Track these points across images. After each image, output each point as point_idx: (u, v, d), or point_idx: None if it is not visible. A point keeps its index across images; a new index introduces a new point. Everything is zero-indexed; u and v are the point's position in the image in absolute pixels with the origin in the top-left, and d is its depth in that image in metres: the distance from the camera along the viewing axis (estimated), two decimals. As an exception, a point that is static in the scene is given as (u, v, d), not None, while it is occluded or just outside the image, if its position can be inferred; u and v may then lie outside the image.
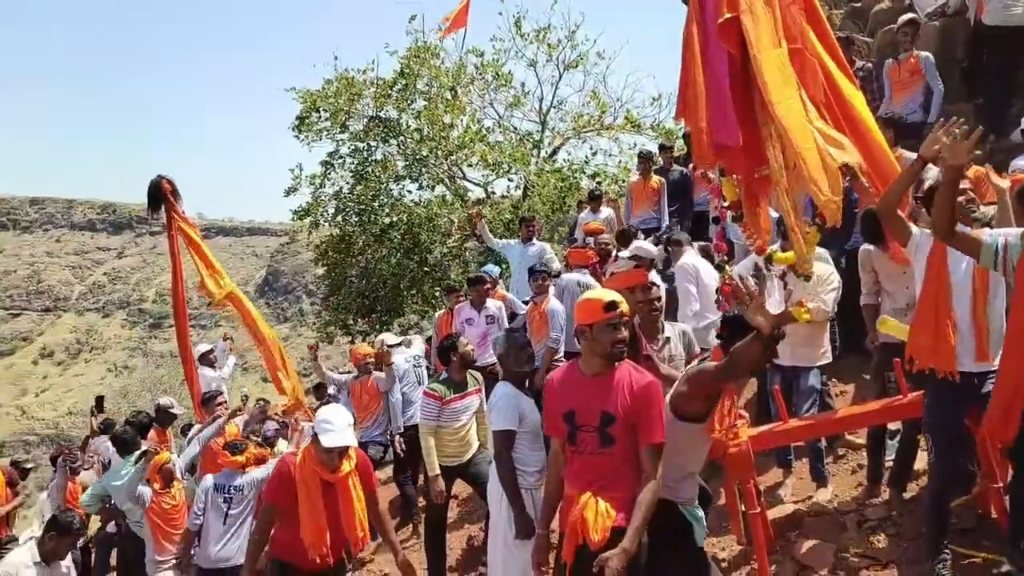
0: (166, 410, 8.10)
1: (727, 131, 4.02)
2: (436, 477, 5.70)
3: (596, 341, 3.46)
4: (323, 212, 17.35)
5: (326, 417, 4.33)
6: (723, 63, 4.08)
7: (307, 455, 4.40)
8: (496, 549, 4.52)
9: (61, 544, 5.25)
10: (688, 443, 3.52)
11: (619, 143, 18.17)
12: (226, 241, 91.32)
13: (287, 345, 59.04)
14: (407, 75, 16.68)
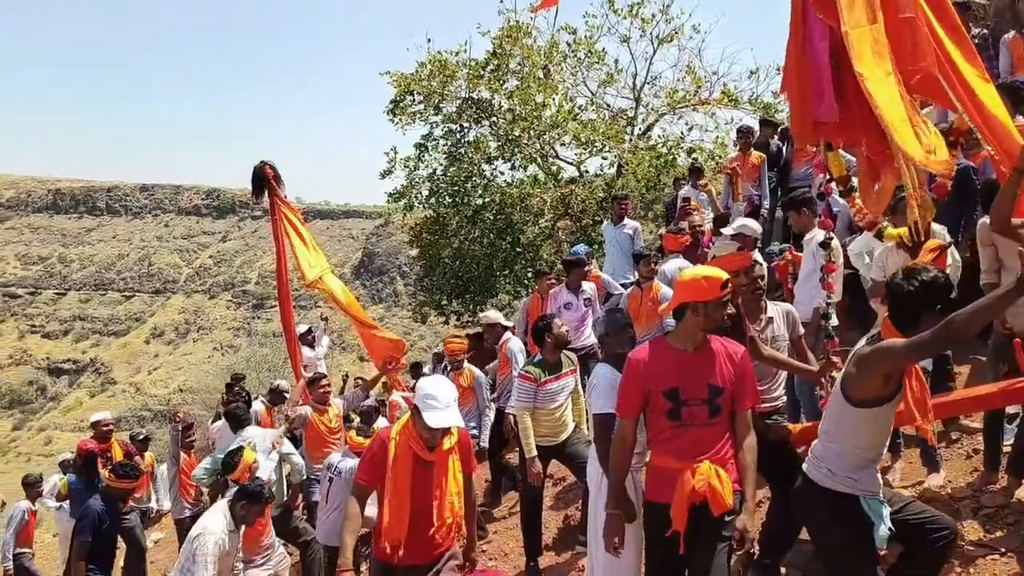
0: (281, 392, 8.39)
1: (824, 107, 3.90)
2: (533, 459, 5.71)
3: (708, 317, 3.61)
4: (417, 194, 17.58)
5: (431, 391, 3.84)
6: (824, 37, 3.95)
7: (405, 430, 4.01)
8: (595, 529, 4.50)
9: (251, 511, 5.42)
10: (865, 428, 3.29)
11: (715, 118, 17.67)
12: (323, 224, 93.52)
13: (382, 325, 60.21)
14: (499, 55, 16.68)
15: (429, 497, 4.02)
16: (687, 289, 3.66)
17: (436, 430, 3.88)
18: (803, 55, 4.04)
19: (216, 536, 5.19)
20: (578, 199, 16.78)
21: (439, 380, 4.13)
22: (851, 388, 3.22)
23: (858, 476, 3.29)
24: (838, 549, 3.35)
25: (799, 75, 4.06)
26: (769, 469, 4.56)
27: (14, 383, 78.63)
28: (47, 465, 38.24)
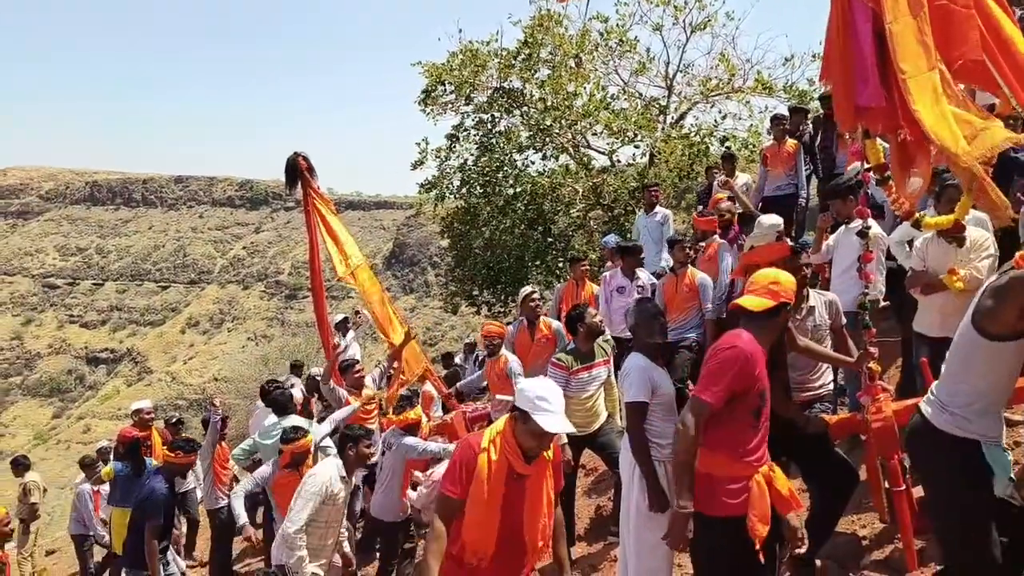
0: (315, 378, 8.48)
1: (868, 92, 3.83)
2: (563, 447, 5.72)
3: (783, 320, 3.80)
4: (448, 185, 17.61)
5: (542, 393, 3.37)
6: (868, 20, 3.87)
7: (502, 438, 3.46)
8: (628, 519, 4.49)
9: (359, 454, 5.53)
10: (995, 367, 3.15)
11: (750, 106, 17.42)
12: (354, 215, 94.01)
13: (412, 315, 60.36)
14: (531, 44, 16.61)
15: (519, 515, 3.52)
16: (788, 290, 3.70)
17: (546, 437, 3.42)
18: (846, 39, 3.96)
19: (324, 478, 5.29)
20: (610, 189, 16.70)
21: (546, 381, 3.70)
22: (985, 321, 3.10)
23: (981, 421, 3.14)
24: (952, 496, 3.19)
25: (842, 60, 3.98)
26: (806, 462, 4.53)
27: (53, 372, 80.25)
28: (86, 453, 38.97)
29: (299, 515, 5.13)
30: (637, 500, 4.39)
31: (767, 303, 3.62)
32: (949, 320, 5.03)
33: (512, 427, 3.45)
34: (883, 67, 3.84)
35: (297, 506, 5.18)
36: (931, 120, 3.60)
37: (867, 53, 3.85)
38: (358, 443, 5.49)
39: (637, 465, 4.39)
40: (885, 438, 4.23)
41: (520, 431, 3.41)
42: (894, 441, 4.23)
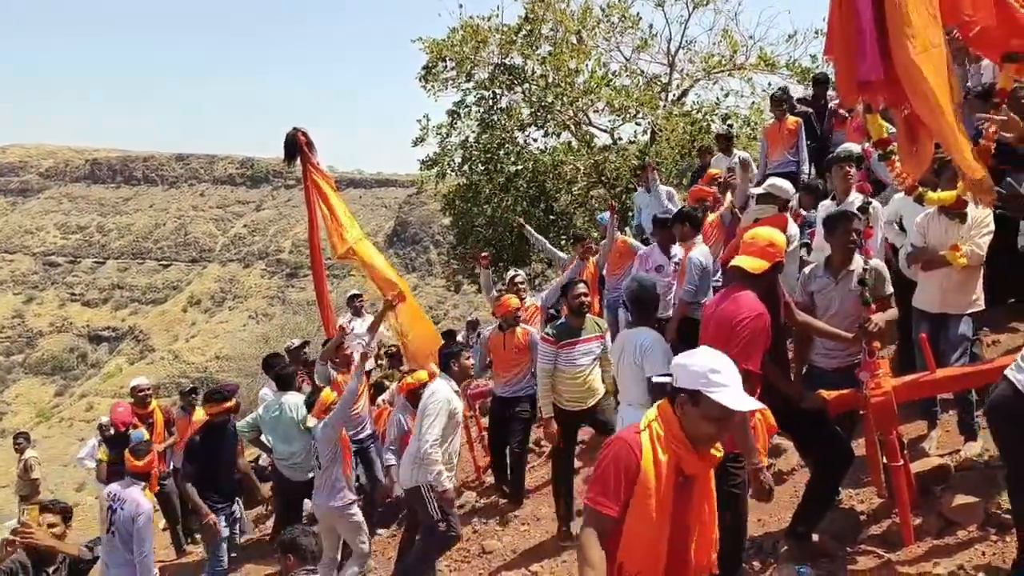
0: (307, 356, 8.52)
1: (867, 66, 3.83)
2: (549, 420, 5.82)
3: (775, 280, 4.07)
4: (450, 162, 17.56)
5: (714, 365, 2.68)
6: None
7: (666, 431, 2.74)
8: None
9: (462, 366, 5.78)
10: None
11: (752, 83, 17.32)
12: (355, 192, 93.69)
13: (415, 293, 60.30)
14: (532, 20, 16.52)
15: (687, 529, 2.85)
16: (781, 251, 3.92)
17: (726, 420, 2.71)
18: (847, 13, 3.96)
19: (445, 394, 5.53)
20: (612, 166, 16.65)
21: (711, 351, 2.86)
22: None
23: None
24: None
25: (843, 35, 3.99)
26: (802, 437, 4.55)
27: (56, 350, 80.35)
28: (88, 431, 39.15)
29: (429, 432, 5.35)
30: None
31: (764, 264, 3.73)
32: (949, 296, 5.04)
33: (676, 415, 2.73)
34: (883, 41, 3.83)
35: (425, 424, 5.39)
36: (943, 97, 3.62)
37: (866, 27, 3.84)
38: (459, 357, 5.72)
39: None
40: (884, 414, 4.24)
41: (691, 417, 2.69)
42: (892, 417, 4.25)
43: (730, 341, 3.65)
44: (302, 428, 7.02)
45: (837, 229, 4.69)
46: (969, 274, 4.99)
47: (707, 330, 3.97)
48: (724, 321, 3.75)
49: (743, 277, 3.85)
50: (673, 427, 2.73)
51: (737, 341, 3.66)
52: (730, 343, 3.63)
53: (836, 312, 4.68)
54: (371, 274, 7.60)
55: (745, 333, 3.66)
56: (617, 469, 2.71)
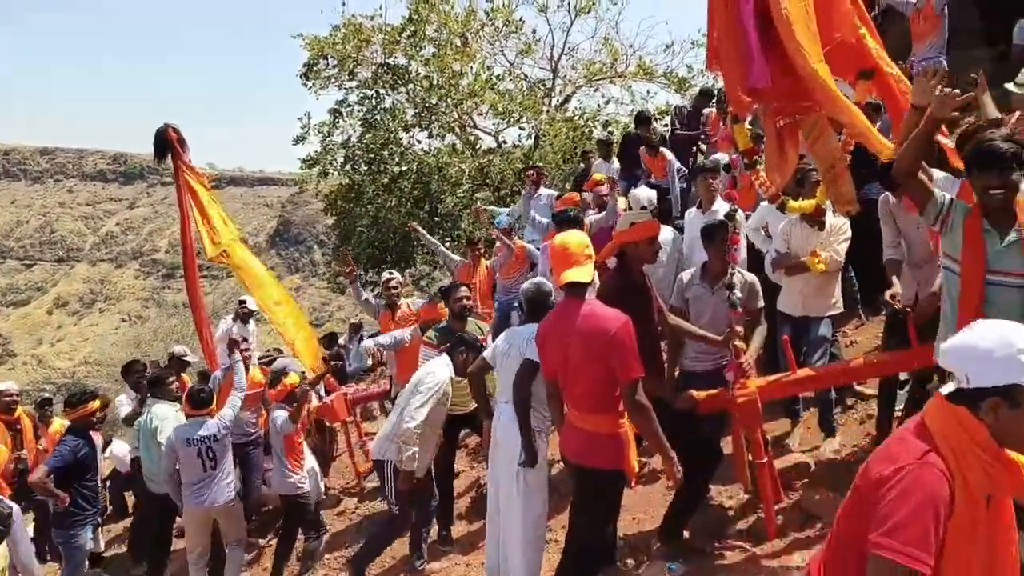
0: (179, 358, 8.15)
1: (756, 73, 3.95)
2: None
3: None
4: (332, 161, 17.30)
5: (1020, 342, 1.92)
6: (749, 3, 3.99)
7: (969, 444, 1.99)
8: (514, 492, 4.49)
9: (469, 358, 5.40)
10: None
11: (632, 91, 17.93)
12: (236, 191, 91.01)
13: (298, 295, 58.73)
14: (416, 21, 16.44)
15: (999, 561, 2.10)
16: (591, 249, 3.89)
17: None
18: (730, 24, 4.07)
19: (442, 377, 5.34)
20: (496, 169, 16.76)
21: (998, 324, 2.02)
22: None
23: None
24: None
25: (729, 45, 4.08)
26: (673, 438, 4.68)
27: (-94, 355, 74.67)
28: None
29: (419, 412, 5.18)
30: (526, 473, 4.43)
31: (591, 268, 3.77)
32: (810, 300, 5.30)
33: (985, 421, 1.97)
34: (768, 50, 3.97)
35: (415, 403, 5.21)
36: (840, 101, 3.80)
37: (752, 37, 3.96)
38: (470, 348, 5.46)
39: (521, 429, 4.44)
40: (749, 413, 4.40)
41: (1011, 421, 1.95)
42: (757, 416, 4.42)
43: (610, 357, 3.65)
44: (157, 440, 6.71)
45: (715, 238, 4.84)
46: (828, 279, 5.27)
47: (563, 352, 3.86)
48: (595, 338, 3.69)
49: (575, 289, 3.84)
50: (980, 437, 1.98)
51: (619, 354, 3.65)
52: (611, 358, 3.65)
53: (709, 319, 4.83)
54: (243, 278, 7.39)
55: (623, 343, 3.65)
56: (932, 507, 1.92)
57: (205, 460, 6.14)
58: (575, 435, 3.95)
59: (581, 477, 3.97)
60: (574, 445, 3.97)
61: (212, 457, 6.15)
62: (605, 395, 3.75)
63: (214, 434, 6.18)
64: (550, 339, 3.95)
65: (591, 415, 3.83)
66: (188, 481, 6.17)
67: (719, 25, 4.20)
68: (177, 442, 6.15)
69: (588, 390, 3.80)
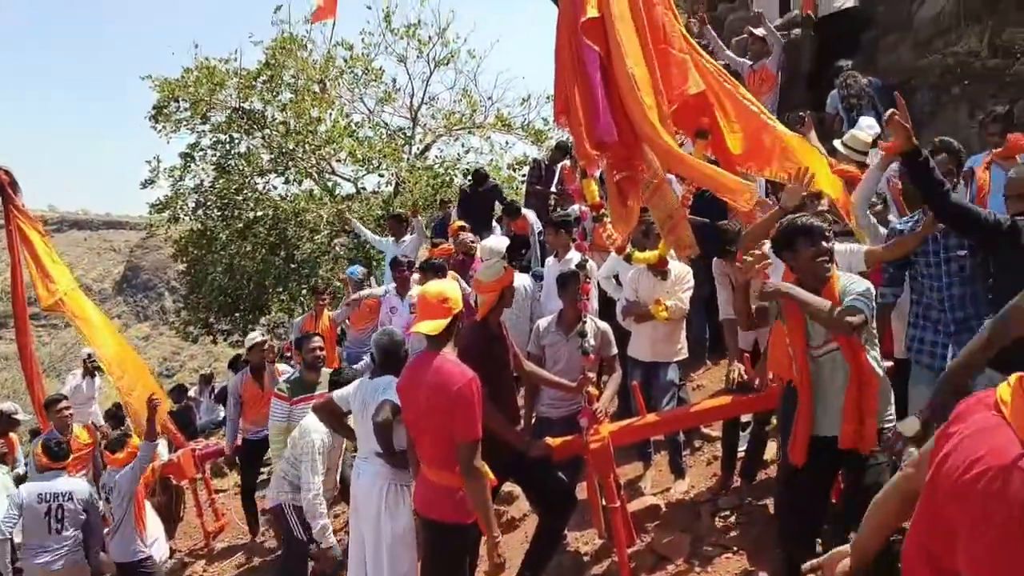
0: (9, 415, 7.58)
1: (604, 128, 4.08)
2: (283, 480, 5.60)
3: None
4: (183, 206, 16.69)
5: None
6: (595, 61, 4.14)
7: None
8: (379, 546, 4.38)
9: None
10: None
11: (490, 141, 18.31)
12: (80, 235, 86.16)
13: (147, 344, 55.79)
14: (273, 66, 16.23)
15: None
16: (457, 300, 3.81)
17: None
18: (577, 79, 4.20)
19: (319, 434, 5.01)
20: (355, 216, 16.62)
21: None
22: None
23: None
24: None
25: (576, 99, 4.20)
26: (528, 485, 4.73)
27: None
28: None
29: (315, 480, 4.89)
30: (393, 527, 4.34)
31: (442, 323, 3.73)
32: (658, 346, 5.51)
33: None
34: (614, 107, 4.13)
35: (305, 470, 4.91)
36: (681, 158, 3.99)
37: (598, 93, 4.11)
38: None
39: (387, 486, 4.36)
40: (601, 459, 4.48)
41: None
42: (609, 461, 4.50)
43: (452, 414, 3.58)
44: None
45: (568, 287, 4.99)
46: (674, 326, 5.49)
47: (415, 404, 3.80)
48: (439, 393, 3.63)
49: (431, 341, 3.79)
50: None
51: (460, 413, 3.57)
52: (452, 416, 3.58)
53: (564, 367, 4.95)
54: (80, 327, 6.99)
55: (465, 403, 3.56)
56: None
57: (52, 522, 5.60)
58: (423, 487, 3.92)
59: (428, 529, 3.94)
60: (421, 496, 3.95)
61: (60, 519, 5.61)
62: (450, 450, 3.65)
63: (70, 491, 5.68)
64: (406, 390, 3.91)
65: (437, 468, 3.78)
66: (27, 543, 5.65)
67: (566, 80, 4.32)
68: (28, 497, 5.62)
69: (433, 443, 3.76)
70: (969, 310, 3.84)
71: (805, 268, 3.42)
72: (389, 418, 4.31)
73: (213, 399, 13.25)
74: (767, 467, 5.22)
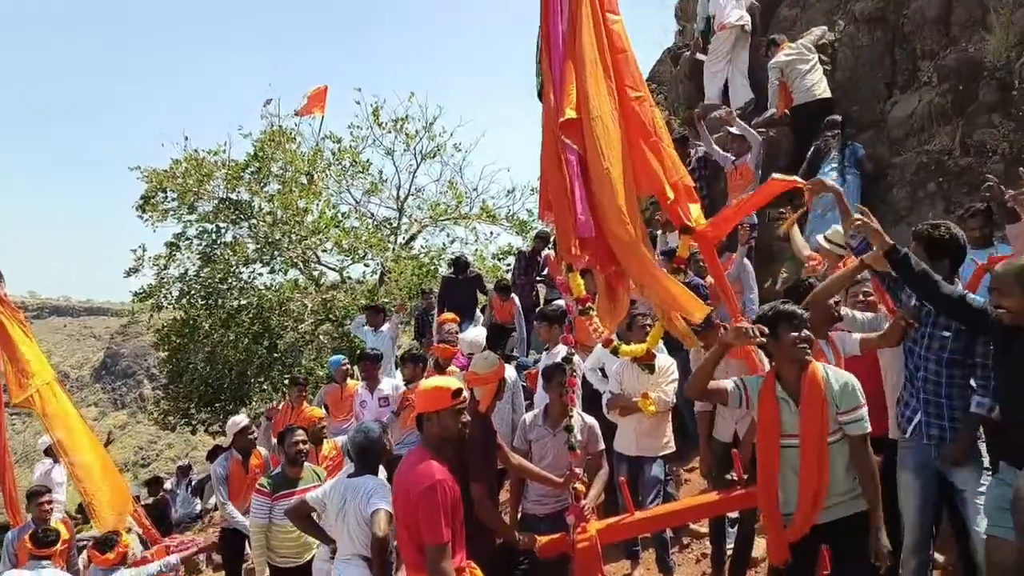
0: None
1: (583, 225, 4.15)
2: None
3: (442, 426, 3.60)
4: (167, 294, 16.66)
5: None
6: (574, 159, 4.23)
7: None
8: None
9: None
10: None
11: (476, 232, 18.59)
12: (61, 321, 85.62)
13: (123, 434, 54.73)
14: (261, 158, 16.48)
15: None
16: (420, 400, 3.67)
17: None
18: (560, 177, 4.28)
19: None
20: (340, 304, 16.63)
21: None
22: None
23: None
24: None
25: (560, 196, 4.28)
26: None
27: None
28: None
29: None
30: None
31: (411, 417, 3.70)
32: (644, 440, 5.47)
33: None
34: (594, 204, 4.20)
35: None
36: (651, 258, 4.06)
37: (577, 191, 4.19)
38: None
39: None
40: (589, 558, 4.39)
41: None
42: (597, 560, 4.40)
43: (417, 515, 3.47)
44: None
45: (553, 380, 4.97)
46: (660, 419, 5.47)
47: (396, 502, 3.73)
48: (408, 492, 3.52)
49: (423, 436, 3.71)
50: None
51: (424, 515, 3.45)
52: (417, 517, 3.47)
53: (550, 462, 4.89)
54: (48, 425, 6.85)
55: (430, 504, 3.44)
56: None
57: None
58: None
59: None
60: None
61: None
62: (420, 552, 3.52)
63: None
64: (395, 487, 3.78)
65: (414, 571, 3.62)
66: None
67: (551, 177, 4.42)
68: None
69: (406, 544, 3.66)
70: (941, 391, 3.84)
71: (785, 352, 3.50)
72: (387, 534, 4.12)
73: (190, 491, 12.95)
74: (757, 565, 5.12)
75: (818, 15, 9.33)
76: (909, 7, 8.07)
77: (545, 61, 4.52)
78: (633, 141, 4.30)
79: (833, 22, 9.00)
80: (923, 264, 3.66)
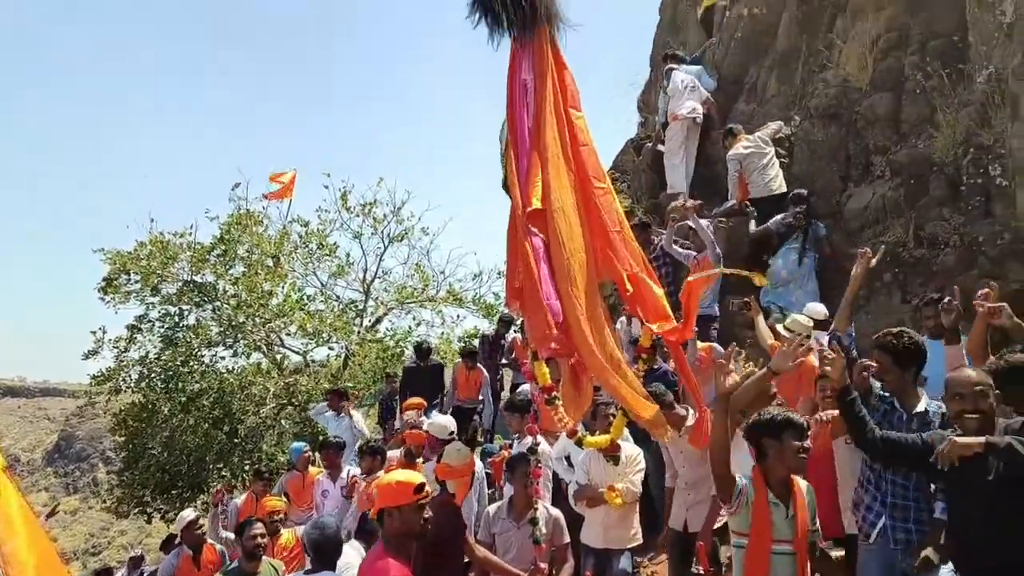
0: None
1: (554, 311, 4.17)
2: None
3: (403, 522, 3.44)
4: (126, 377, 16.32)
5: None
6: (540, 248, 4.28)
7: None
8: None
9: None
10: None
11: (442, 315, 18.59)
12: (15, 403, 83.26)
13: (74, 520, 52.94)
14: (227, 241, 16.44)
15: None
16: (381, 495, 3.56)
17: None
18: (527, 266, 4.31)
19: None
20: (303, 388, 16.40)
21: None
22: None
23: None
24: None
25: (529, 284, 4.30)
26: None
27: None
28: None
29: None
30: None
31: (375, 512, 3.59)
32: (611, 532, 5.39)
33: None
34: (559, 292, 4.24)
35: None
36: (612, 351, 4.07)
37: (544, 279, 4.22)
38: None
39: None
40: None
41: None
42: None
43: None
44: None
45: (517, 470, 4.93)
46: (627, 510, 5.40)
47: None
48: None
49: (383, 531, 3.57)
50: None
51: None
52: None
53: (515, 556, 4.81)
54: None
55: None
56: None
57: None
58: None
59: None
60: None
61: None
62: None
63: None
64: None
65: None
66: None
67: (519, 265, 4.45)
68: None
69: None
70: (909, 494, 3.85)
71: (784, 459, 3.42)
72: None
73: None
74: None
75: (774, 110, 9.64)
76: (861, 104, 8.38)
77: (511, 153, 4.61)
78: (595, 230, 4.37)
79: (789, 117, 9.30)
80: (863, 411, 3.61)
